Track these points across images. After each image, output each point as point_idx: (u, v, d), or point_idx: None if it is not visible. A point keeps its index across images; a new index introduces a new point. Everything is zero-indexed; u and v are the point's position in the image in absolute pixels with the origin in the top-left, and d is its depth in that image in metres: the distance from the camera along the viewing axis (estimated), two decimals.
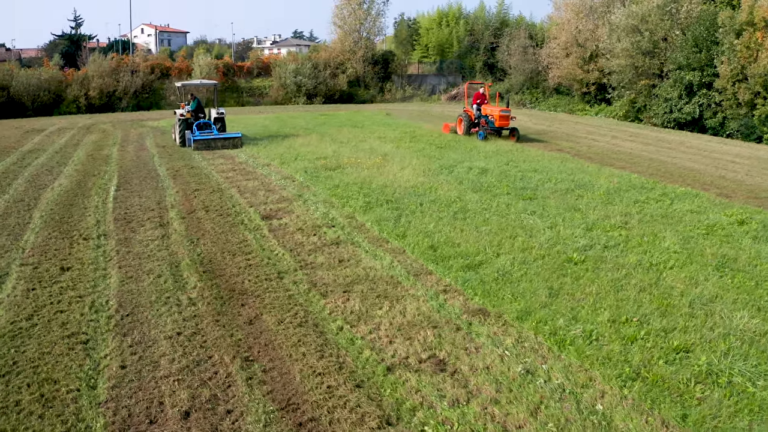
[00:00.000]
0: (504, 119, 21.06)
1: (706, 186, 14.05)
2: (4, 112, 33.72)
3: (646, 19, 27.62)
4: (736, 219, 10.75)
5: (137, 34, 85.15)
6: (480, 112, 21.97)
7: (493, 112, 21.33)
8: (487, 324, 6.49)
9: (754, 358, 5.65)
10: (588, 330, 6.17)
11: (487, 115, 21.58)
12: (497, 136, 21.64)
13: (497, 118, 21.04)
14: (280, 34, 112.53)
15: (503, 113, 21.03)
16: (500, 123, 21.06)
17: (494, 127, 21.29)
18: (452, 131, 23.18)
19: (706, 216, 10.98)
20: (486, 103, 22.49)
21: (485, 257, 8.52)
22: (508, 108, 21.76)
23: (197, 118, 20.57)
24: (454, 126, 23.48)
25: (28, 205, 11.91)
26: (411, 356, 5.83)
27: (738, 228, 10.22)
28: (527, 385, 5.26)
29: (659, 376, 5.31)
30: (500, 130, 21.44)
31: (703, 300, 7.04)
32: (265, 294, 7.48)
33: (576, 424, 4.72)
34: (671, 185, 13.80)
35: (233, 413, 5.04)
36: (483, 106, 22.11)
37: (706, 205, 11.83)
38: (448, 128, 23.65)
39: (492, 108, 21.76)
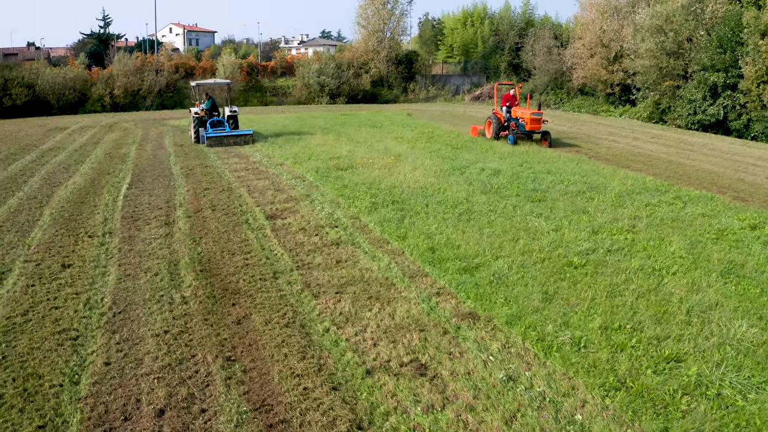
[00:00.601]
0: (535, 122, 19.86)
1: (722, 189, 13.63)
2: (30, 110, 34.58)
3: (670, 19, 26.97)
4: (748, 224, 10.40)
5: (165, 33, 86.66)
6: (510, 115, 20.89)
7: (524, 115, 20.18)
8: (475, 328, 6.37)
9: (747, 370, 5.42)
10: (577, 336, 6.01)
11: (518, 118, 20.49)
12: (528, 140, 20.55)
13: (528, 121, 19.88)
14: (307, 34, 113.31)
15: (534, 116, 19.84)
16: (531, 126, 19.87)
17: (525, 131, 20.16)
18: (480, 134, 22.21)
19: (717, 220, 10.65)
20: (516, 105, 21.37)
21: (484, 260, 8.38)
22: (540, 110, 20.55)
23: (211, 116, 21.19)
24: (482, 129, 22.43)
25: (40, 203, 12.16)
26: (393, 360, 5.75)
27: (749, 233, 9.88)
28: (507, 392, 5.13)
29: (645, 387, 5.13)
30: (531, 134, 20.33)
31: (702, 307, 6.80)
32: (257, 294, 7.48)
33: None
34: (686, 188, 13.43)
35: (207, 413, 5.03)
36: (513, 108, 21.03)
37: (719, 209, 11.48)
38: (476, 131, 22.59)
39: (523, 110, 20.61)
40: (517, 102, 21.73)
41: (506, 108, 21.10)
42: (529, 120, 19.82)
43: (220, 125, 20.86)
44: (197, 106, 21.84)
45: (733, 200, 12.44)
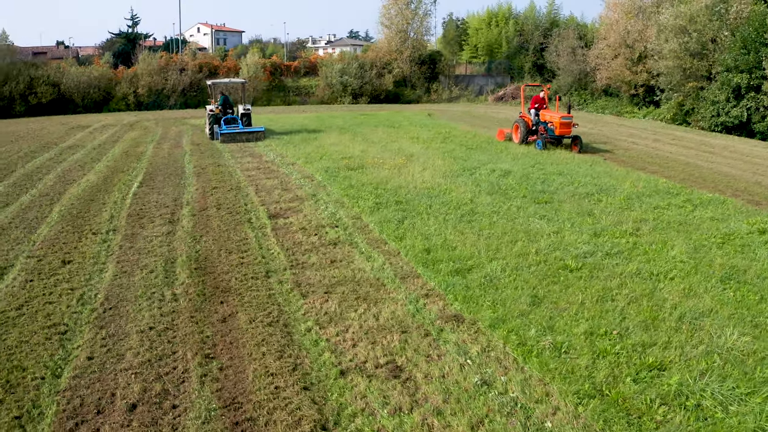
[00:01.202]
0: (565, 126, 18.66)
1: (737, 192, 13.25)
2: (55, 109, 35.42)
3: (694, 20, 26.31)
4: (757, 228, 10.08)
5: (193, 33, 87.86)
6: (538, 118, 19.64)
7: (553, 119, 18.93)
8: (458, 331, 6.29)
9: (732, 380, 5.23)
10: (559, 341, 5.88)
11: (546, 121, 19.25)
12: (557, 145, 19.20)
13: (557, 125, 18.64)
14: (335, 34, 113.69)
15: (564, 120, 18.62)
16: (561, 131, 18.67)
17: (554, 136, 18.88)
18: (507, 138, 20.91)
19: (726, 224, 10.35)
20: (545, 108, 20.06)
21: (478, 262, 8.28)
22: (570, 114, 19.30)
23: (225, 114, 22.03)
24: (509, 133, 21.11)
25: (51, 200, 12.44)
26: (369, 361, 5.72)
27: (757, 237, 9.57)
28: (478, 397, 5.05)
29: (621, 395, 4.99)
30: (561, 138, 19.04)
31: (694, 314, 6.59)
32: (247, 292, 7.52)
33: None
34: (699, 191, 13.08)
35: (178, 408, 5.07)
36: (542, 111, 19.76)
37: (729, 213, 11.15)
38: (502, 135, 21.25)
39: (552, 114, 19.39)
40: (546, 104, 20.48)
41: (534, 111, 19.92)
42: (559, 124, 18.63)
43: (233, 122, 21.65)
44: (213, 104, 22.69)
45: (747, 204, 12.07)
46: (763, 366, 5.49)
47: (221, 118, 21.73)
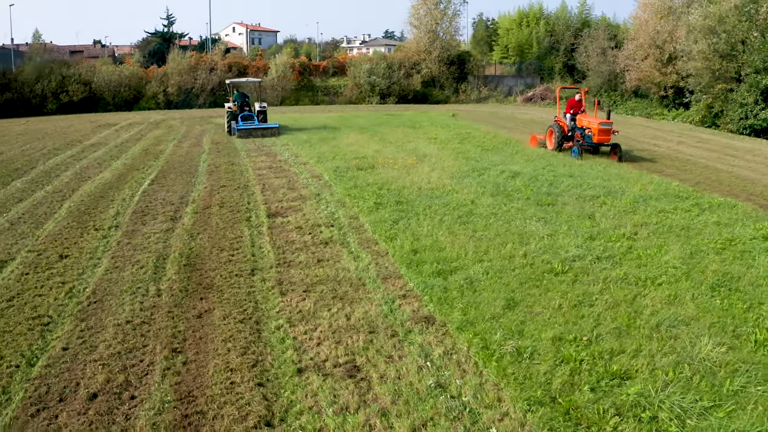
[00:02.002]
0: (604, 133, 17.17)
1: (752, 196, 12.80)
2: (86, 107, 36.54)
3: (723, 20, 25.50)
4: (763, 233, 9.70)
5: (229, 32, 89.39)
6: (575, 123, 18.24)
7: (591, 125, 17.52)
8: (426, 333, 6.26)
9: (697, 393, 5.02)
10: (524, 346, 5.79)
11: (584, 127, 17.83)
12: (595, 153, 17.78)
13: (596, 131, 17.17)
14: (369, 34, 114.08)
15: (603, 126, 17.16)
16: (599, 138, 17.19)
17: (591, 143, 17.45)
18: (541, 145, 19.50)
19: (730, 229, 10.00)
20: (582, 113, 18.62)
21: (463, 263, 8.21)
22: (610, 120, 17.65)
23: (242, 111, 23.39)
24: (542, 139, 19.75)
25: (63, 196, 12.84)
26: (329, 360, 5.73)
27: (760, 243, 9.22)
28: (429, 399, 5.01)
29: (574, 404, 4.87)
30: (599, 146, 17.63)
31: (673, 322, 6.39)
32: (228, 289, 7.63)
33: None
34: (711, 194, 12.68)
35: (135, 399, 5.19)
36: (579, 116, 18.34)
37: (737, 218, 10.77)
38: (535, 141, 19.85)
39: (590, 119, 17.93)
40: (583, 109, 19.00)
41: (570, 115, 18.50)
42: (597, 130, 17.14)
43: (249, 119, 23.10)
44: (231, 101, 24.01)
45: (759, 208, 11.66)
46: (733, 378, 5.27)
47: (238, 115, 23.04)
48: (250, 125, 22.57)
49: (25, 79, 35.43)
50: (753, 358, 5.67)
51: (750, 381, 5.25)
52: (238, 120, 22.83)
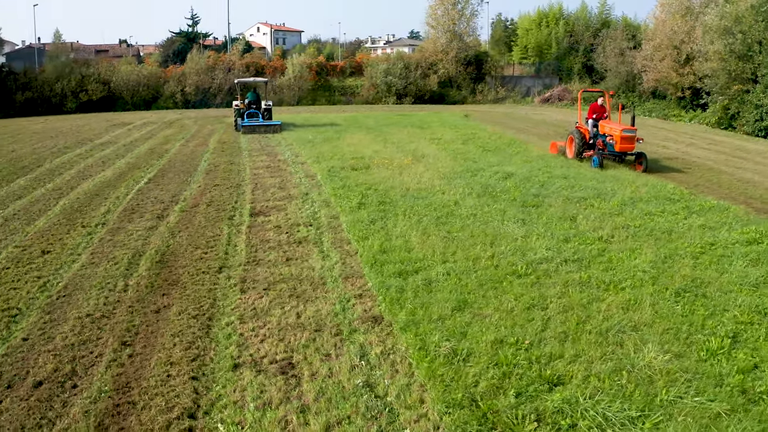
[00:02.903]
0: (627, 141, 15.80)
1: (750, 200, 12.53)
2: (105, 106, 37.40)
3: (740, 20, 24.94)
4: (747, 238, 9.49)
5: (253, 32, 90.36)
6: (597, 130, 16.95)
7: (614, 132, 16.16)
8: (370, 332, 6.31)
9: (627, 401, 4.91)
10: (461, 348, 5.79)
11: (606, 134, 16.52)
12: (618, 162, 16.38)
13: (618, 139, 15.83)
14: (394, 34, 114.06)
15: (626, 133, 15.80)
16: (622, 146, 15.83)
17: (614, 152, 16.08)
18: (561, 152, 18.08)
19: (715, 233, 9.80)
20: (605, 119, 17.22)
21: (427, 264, 8.23)
22: (634, 126, 16.27)
23: (249, 108, 24.83)
24: (563, 146, 18.25)
25: (60, 194, 13.20)
26: (268, 356, 5.83)
27: (741, 248, 9.01)
28: (351, 398, 5.07)
29: (493, 408, 4.82)
30: (622, 155, 16.20)
31: (624, 327, 6.30)
32: (192, 286, 7.78)
33: None
34: (706, 197, 12.46)
35: (76, 389, 5.36)
36: (601, 122, 16.99)
37: (726, 221, 10.54)
38: (555, 148, 18.50)
39: (612, 125, 16.54)
40: (607, 114, 17.60)
41: (593, 121, 17.13)
42: (620, 138, 15.79)
43: (254, 116, 24.51)
44: (239, 99, 25.75)
45: (754, 212, 11.41)
46: (670, 388, 5.14)
47: (244, 112, 24.55)
48: (254, 122, 24.07)
49: (45, 78, 36.48)
50: (698, 367, 5.55)
51: (687, 391, 5.12)
52: (243, 117, 24.39)
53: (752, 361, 5.68)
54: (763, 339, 6.14)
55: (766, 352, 5.84)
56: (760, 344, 6.03)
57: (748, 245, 9.25)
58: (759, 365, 5.62)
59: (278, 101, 40.70)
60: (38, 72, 37.63)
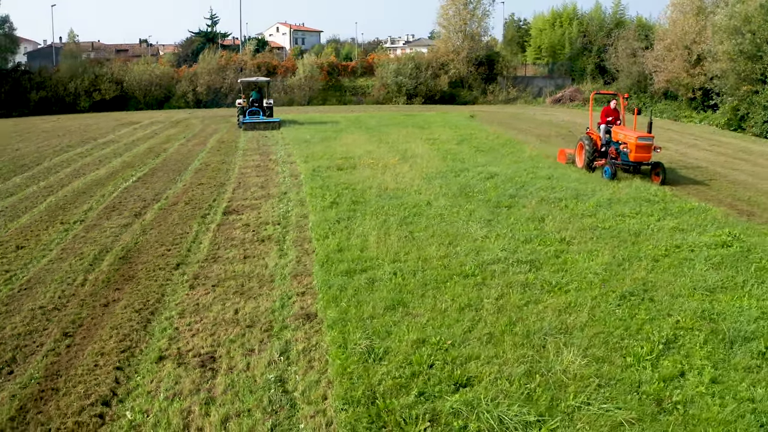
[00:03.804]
0: (642, 150, 14.18)
1: (735, 202, 12.42)
2: (117, 105, 38.18)
3: (749, 20, 24.50)
4: (717, 241, 9.37)
5: (272, 32, 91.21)
6: (609, 137, 15.40)
7: (628, 139, 14.55)
8: (299, 329, 6.44)
9: (528, 405, 4.92)
10: (379, 347, 5.86)
11: (619, 141, 14.97)
12: (633, 173, 14.76)
13: (632, 147, 14.24)
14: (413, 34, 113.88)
15: (642, 141, 14.16)
16: (637, 156, 14.22)
17: (628, 161, 14.52)
18: (569, 161, 16.57)
19: (685, 235, 9.71)
20: (618, 124, 15.73)
21: (378, 263, 8.33)
22: (651, 134, 14.64)
23: (252, 106, 26.16)
24: (571, 153, 16.75)
25: (50, 192, 13.58)
26: (193, 350, 6.01)
27: (709, 251, 8.90)
28: (258, 392, 5.19)
29: (390, 407, 4.86)
30: (638, 165, 14.55)
31: (553, 330, 6.24)
32: (146, 281, 8.01)
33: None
34: (688, 199, 12.34)
35: (12, 375, 5.64)
36: (614, 128, 15.42)
37: (700, 223, 10.41)
38: (564, 156, 16.86)
39: (626, 132, 14.96)
40: (621, 119, 15.96)
41: (605, 127, 15.62)
42: (635, 146, 14.18)
43: (256, 114, 25.84)
44: (242, 98, 27.11)
45: (736, 213, 11.30)
46: (580, 394, 5.12)
47: (246, 110, 25.90)
48: (255, 119, 25.48)
49: (59, 77, 37.43)
50: (617, 374, 5.49)
51: (596, 398, 5.08)
52: (245, 114, 25.73)
53: (679, 368, 5.62)
54: (699, 346, 6.06)
55: (697, 360, 5.77)
56: (694, 351, 5.96)
57: (716, 248, 9.13)
58: (686, 373, 5.56)
59: (289, 101, 41.13)
60: (53, 71, 38.61)
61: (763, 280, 7.94)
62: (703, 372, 5.54)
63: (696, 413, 4.94)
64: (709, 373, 5.51)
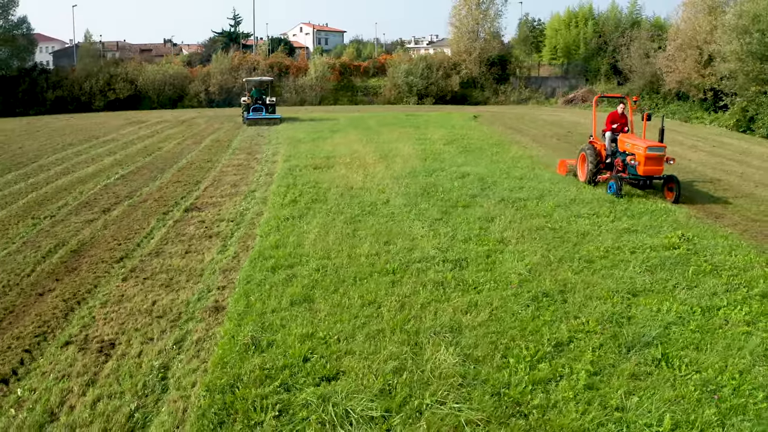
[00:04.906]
0: (653, 163, 12.29)
1: (708, 205, 12.36)
2: (130, 104, 39.30)
3: (757, 19, 24.01)
4: (667, 243, 9.35)
5: (296, 32, 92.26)
6: (615, 146, 13.63)
7: (636, 149, 12.63)
8: (203, 320, 6.73)
9: (379, 401, 5.01)
10: (265, 339, 6.07)
11: (626, 152, 13.06)
12: (642, 188, 13.08)
13: (642, 159, 12.30)
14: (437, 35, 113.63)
15: (652, 152, 12.25)
16: (647, 169, 12.29)
17: (636, 175, 12.60)
18: (571, 172, 14.83)
19: (633, 237, 9.68)
20: (626, 131, 13.93)
21: (305, 260, 8.53)
22: (662, 143, 12.82)
23: (255, 104, 28.36)
24: (573, 165, 14.93)
25: (34, 188, 14.17)
26: (98, 337, 6.35)
27: (651, 253, 8.89)
28: (137, 376, 5.48)
29: (245, 396, 5.06)
30: (647, 180, 12.68)
31: (443, 329, 6.32)
32: (85, 273, 8.42)
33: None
34: (655, 200, 12.23)
35: None
36: (621, 135, 13.59)
37: (657, 225, 10.37)
38: (564, 167, 15.11)
39: (635, 141, 12.94)
40: (628, 126, 14.07)
41: (610, 135, 13.82)
42: (644, 159, 12.25)
43: (258, 111, 28.02)
44: (247, 96, 29.27)
45: (703, 216, 11.19)
46: (438, 393, 5.14)
47: (251, 107, 28.11)
48: (257, 116, 27.63)
49: (75, 77, 38.72)
50: (488, 374, 5.50)
51: (452, 398, 5.12)
52: (249, 111, 27.89)
53: (558, 372, 5.59)
54: (592, 350, 5.99)
55: (580, 365, 5.70)
56: (583, 355, 5.87)
57: (661, 250, 9.06)
58: (563, 377, 5.49)
59: (300, 101, 41.68)
60: (69, 71, 39.94)
61: (696, 284, 7.87)
62: (580, 377, 5.47)
63: (552, 418, 4.89)
64: (586, 378, 5.45)
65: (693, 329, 6.52)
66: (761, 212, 11.94)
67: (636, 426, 4.83)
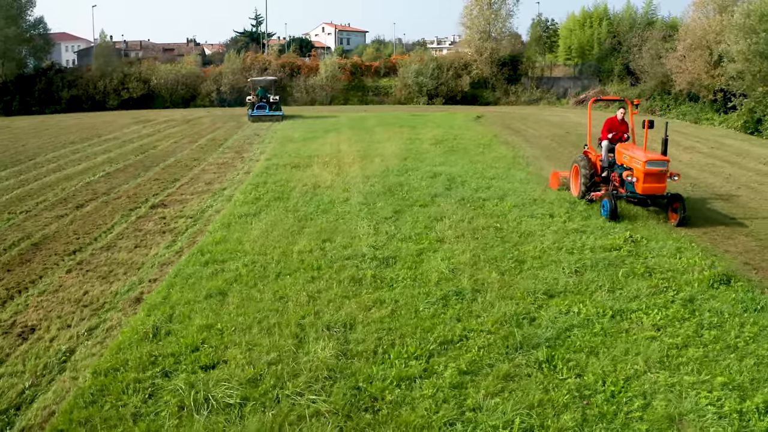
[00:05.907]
0: (653, 179, 10.77)
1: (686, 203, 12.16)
2: (144, 103, 40.39)
3: (765, 18, 23.61)
4: (610, 244, 9.41)
5: (318, 32, 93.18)
6: (613, 158, 12.06)
7: (634, 162, 11.08)
8: (122, 310, 7.20)
9: (244, 388, 5.33)
10: (165, 328, 6.47)
11: (624, 165, 11.50)
12: (643, 206, 11.61)
13: (641, 176, 10.77)
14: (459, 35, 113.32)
15: (652, 167, 10.67)
16: (646, 187, 10.80)
17: (634, 193, 11.13)
18: (563, 186, 13.44)
19: (578, 237, 9.76)
20: (625, 140, 12.27)
21: (239, 256, 8.86)
22: (665, 156, 11.13)
23: (260, 101, 30.52)
24: (565, 177, 13.54)
25: (23, 184, 14.87)
26: (23, 322, 6.90)
27: (588, 253, 9.00)
28: (42, 358, 5.99)
29: (121, 380, 5.46)
30: (649, 199, 11.17)
31: (337, 324, 6.60)
32: (36, 266, 8.94)
33: None
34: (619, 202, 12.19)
35: None
36: (619, 146, 11.95)
37: (607, 226, 10.39)
38: (556, 180, 13.68)
39: (634, 152, 11.33)
40: (628, 134, 12.48)
41: (607, 144, 12.25)
42: (643, 174, 10.72)
43: (263, 108, 30.19)
44: (252, 94, 31.66)
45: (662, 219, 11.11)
46: (301, 384, 5.43)
47: (255, 104, 30.37)
48: (261, 113, 29.76)
49: (90, 76, 40.00)
50: (358, 369, 5.69)
51: (312, 389, 5.36)
52: (254, 108, 30.04)
53: (431, 369, 5.70)
54: (477, 348, 6.07)
55: (457, 364, 5.75)
56: (467, 354, 5.94)
57: (600, 251, 9.13)
58: (432, 375, 5.62)
59: (311, 101, 42.24)
60: (84, 70, 41.26)
61: (621, 286, 7.88)
62: (449, 376, 5.56)
63: (400, 413, 5.04)
64: (456, 376, 5.54)
65: (596, 332, 6.54)
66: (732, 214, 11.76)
67: (483, 427, 4.87)
